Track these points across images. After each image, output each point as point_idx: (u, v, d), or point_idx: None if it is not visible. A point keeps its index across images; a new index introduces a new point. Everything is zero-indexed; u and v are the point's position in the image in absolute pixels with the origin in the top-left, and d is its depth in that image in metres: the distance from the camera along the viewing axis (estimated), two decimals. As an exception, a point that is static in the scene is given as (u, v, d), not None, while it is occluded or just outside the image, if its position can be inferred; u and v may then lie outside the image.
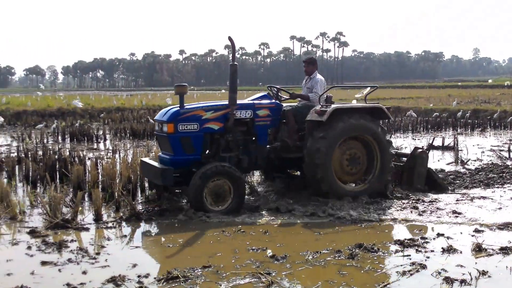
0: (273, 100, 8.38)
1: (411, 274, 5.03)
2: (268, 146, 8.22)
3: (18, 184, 9.52)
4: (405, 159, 9.16)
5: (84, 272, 5.13)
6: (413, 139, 17.69)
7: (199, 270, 5.14)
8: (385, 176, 8.20)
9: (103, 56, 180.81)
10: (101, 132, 18.59)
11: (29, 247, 5.92)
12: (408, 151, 10.51)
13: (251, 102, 8.24)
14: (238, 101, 8.04)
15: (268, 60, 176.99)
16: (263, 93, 8.65)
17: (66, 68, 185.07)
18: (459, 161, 11.78)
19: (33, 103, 30.82)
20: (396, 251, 5.78)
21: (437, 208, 7.63)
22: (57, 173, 9.87)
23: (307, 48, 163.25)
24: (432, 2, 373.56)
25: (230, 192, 7.40)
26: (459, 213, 7.32)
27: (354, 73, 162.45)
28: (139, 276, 4.97)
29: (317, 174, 7.75)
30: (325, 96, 8.64)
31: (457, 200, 8.15)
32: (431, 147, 10.28)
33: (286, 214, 7.42)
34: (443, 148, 14.45)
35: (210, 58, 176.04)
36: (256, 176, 9.66)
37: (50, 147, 13.96)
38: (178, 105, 7.81)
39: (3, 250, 5.84)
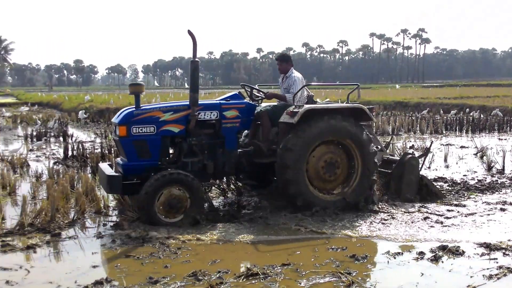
0: (244, 100, 7.60)
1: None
2: (239, 151, 7.48)
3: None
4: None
5: (166, 266, 5.24)
6: (499, 139, 16.82)
7: (279, 267, 5.13)
8: (366, 185, 7.35)
9: (182, 55, 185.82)
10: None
11: (113, 241, 6.11)
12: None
13: (217, 102, 7.48)
14: (205, 101, 7.57)
15: (347, 58, 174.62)
16: (233, 93, 7.84)
17: (146, 66, 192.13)
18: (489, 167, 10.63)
19: (115, 101, 31.63)
20: None
21: (407, 222, 6.80)
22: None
23: (387, 45, 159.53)
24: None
25: (186, 202, 6.66)
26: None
27: (436, 71, 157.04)
28: (219, 272, 5.02)
29: (286, 175, 7.00)
30: (305, 95, 7.89)
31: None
32: (428, 151, 9.01)
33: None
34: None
35: None
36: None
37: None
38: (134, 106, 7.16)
39: (88, 243, 6.07)
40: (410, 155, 8.09)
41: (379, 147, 8.35)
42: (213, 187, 8.17)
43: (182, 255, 5.62)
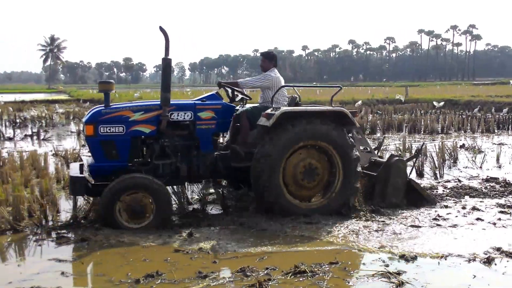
0: (221, 101, 7.25)
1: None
2: (217, 153, 7.16)
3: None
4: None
5: (214, 262, 5.32)
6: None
7: (326, 266, 5.12)
8: (348, 193, 6.93)
9: (228, 53, 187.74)
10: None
11: (161, 235, 6.19)
12: None
13: (192, 102, 7.16)
14: (178, 101, 7.33)
15: (394, 55, 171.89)
16: (210, 93, 7.46)
17: (193, 64, 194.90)
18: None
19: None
20: None
21: (378, 230, 6.31)
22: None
23: (436, 42, 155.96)
24: None
25: (151, 207, 6.34)
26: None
27: (487, 68, 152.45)
28: (267, 269, 5.04)
29: (260, 181, 6.66)
30: (285, 96, 7.61)
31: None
32: (418, 154, 8.53)
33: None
34: None
35: (333, 54, 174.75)
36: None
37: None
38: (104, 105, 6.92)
39: (140, 237, 6.14)
40: (397, 157, 7.61)
41: (368, 148, 8.15)
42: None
43: (230, 251, 5.68)
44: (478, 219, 6.83)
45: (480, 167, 10.68)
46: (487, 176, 9.61)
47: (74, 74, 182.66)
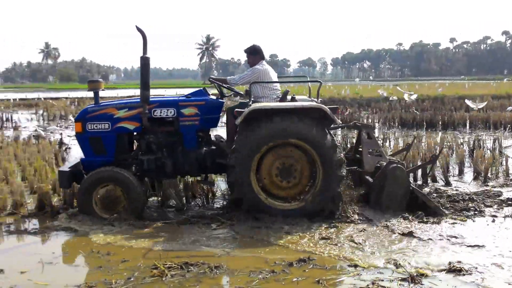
0: (206, 97, 7.15)
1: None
2: (205, 149, 7.13)
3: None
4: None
5: (362, 250, 5.31)
6: None
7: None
8: (327, 196, 6.48)
9: (370, 47, 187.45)
10: (370, 121, 19.23)
11: (312, 221, 6.33)
12: None
13: (175, 99, 7.23)
14: (161, 98, 7.70)
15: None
16: (198, 89, 7.45)
17: (335, 59, 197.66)
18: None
19: (307, 93, 30.93)
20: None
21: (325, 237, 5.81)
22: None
23: None
24: None
25: (122, 199, 6.66)
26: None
27: None
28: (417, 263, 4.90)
29: (230, 177, 6.60)
30: (278, 90, 7.31)
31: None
32: (435, 159, 7.81)
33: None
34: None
35: (484, 46, 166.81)
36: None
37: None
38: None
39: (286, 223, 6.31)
40: (395, 164, 6.81)
41: (378, 151, 7.44)
42: None
43: (365, 248, 5.46)
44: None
45: None
46: None
47: (226, 70, 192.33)
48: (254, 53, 7.43)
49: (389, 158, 7.41)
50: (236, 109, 6.76)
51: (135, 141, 7.34)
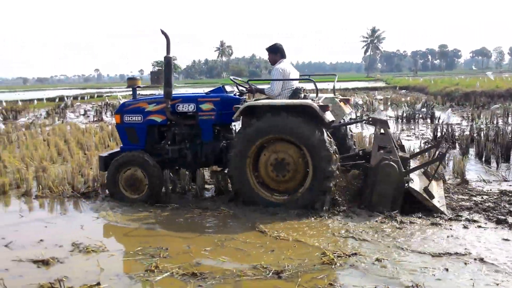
0: (222, 93, 7.66)
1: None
2: (224, 143, 7.66)
3: (471, 161, 9.94)
4: None
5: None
6: None
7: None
8: (316, 190, 6.65)
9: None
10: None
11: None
12: None
13: (195, 95, 7.84)
14: (184, 94, 8.15)
15: None
16: (217, 86, 8.00)
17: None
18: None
19: (481, 84, 30.09)
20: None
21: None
22: None
23: None
24: None
25: (145, 182, 7.42)
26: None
27: None
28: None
29: (229, 170, 7.07)
30: (290, 88, 7.38)
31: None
32: (442, 158, 7.22)
33: None
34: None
35: None
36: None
37: (502, 127, 13.69)
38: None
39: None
40: (386, 161, 6.65)
41: (389, 147, 6.98)
42: None
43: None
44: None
45: None
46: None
47: (390, 62, 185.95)
48: (275, 52, 7.62)
49: (402, 156, 7.21)
50: (234, 106, 7.11)
51: (160, 132, 7.99)
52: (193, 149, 7.71)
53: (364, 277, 4.58)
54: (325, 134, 6.65)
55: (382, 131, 7.09)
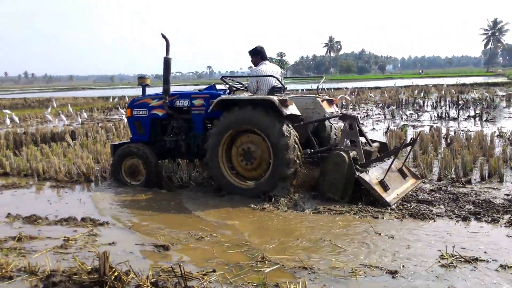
0: (212, 91, 8.32)
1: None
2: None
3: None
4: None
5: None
6: None
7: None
8: (277, 177, 7.20)
9: None
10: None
11: None
12: None
13: (189, 92, 8.80)
14: (180, 91, 9.02)
15: None
16: (210, 85, 8.72)
17: None
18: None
19: None
20: None
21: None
22: None
23: None
24: None
25: (142, 170, 8.41)
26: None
27: None
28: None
29: (205, 159, 7.78)
30: (268, 87, 8.05)
31: None
32: (413, 142, 7.90)
33: None
34: None
35: None
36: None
37: None
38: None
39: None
40: (337, 151, 7.13)
41: (356, 142, 7.63)
42: None
43: None
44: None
45: None
46: None
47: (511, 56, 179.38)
48: (256, 54, 8.32)
49: (367, 150, 7.75)
50: (211, 100, 7.87)
51: (161, 125, 8.89)
52: (187, 140, 8.48)
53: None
54: (284, 125, 7.17)
55: (350, 127, 7.66)
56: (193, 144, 8.42)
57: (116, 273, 4.32)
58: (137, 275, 4.37)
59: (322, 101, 8.30)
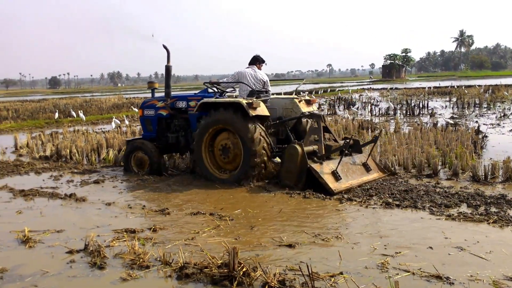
0: (204, 94, 9.69)
1: None
2: None
3: None
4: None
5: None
6: None
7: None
8: (247, 167, 8.37)
9: None
10: None
11: None
12: None
13: (186, 94, 10.25)
14: (180, 94, 10.61)
15: None
16: (204, 89, 10.05)
17: None
18: None
19: None
20: None
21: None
22: None
23: None
24: None
25: (147, 161, 9.86)
26: None
27: None
28: None
29: (192, 155, 9.30)
30: (247, 90, 9.21)
31: None
32: (376, 139, 8.78)
33: None
34: None
35: None
36: None
37: None
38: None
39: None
40: (292, 144, 8.24)
41: (317, 137, 8.56)
42: None
43: None
44: None
45: None
46: None
47: None
48: (250, 62, 9.62)
49: (328, 144, 8.70)
50: (196, 102, 9.31)
51: (166, 123, 10.22)
52: (185, 137, 9.82)
53: None
54: (250, 123, 8.33)
55: (317, 124, 8.64)
56: (191, 140, 9.45)
57: (244, 269, 4.42)
58: (265, 272, 4.42)
59: (300, 101, 9.35)
